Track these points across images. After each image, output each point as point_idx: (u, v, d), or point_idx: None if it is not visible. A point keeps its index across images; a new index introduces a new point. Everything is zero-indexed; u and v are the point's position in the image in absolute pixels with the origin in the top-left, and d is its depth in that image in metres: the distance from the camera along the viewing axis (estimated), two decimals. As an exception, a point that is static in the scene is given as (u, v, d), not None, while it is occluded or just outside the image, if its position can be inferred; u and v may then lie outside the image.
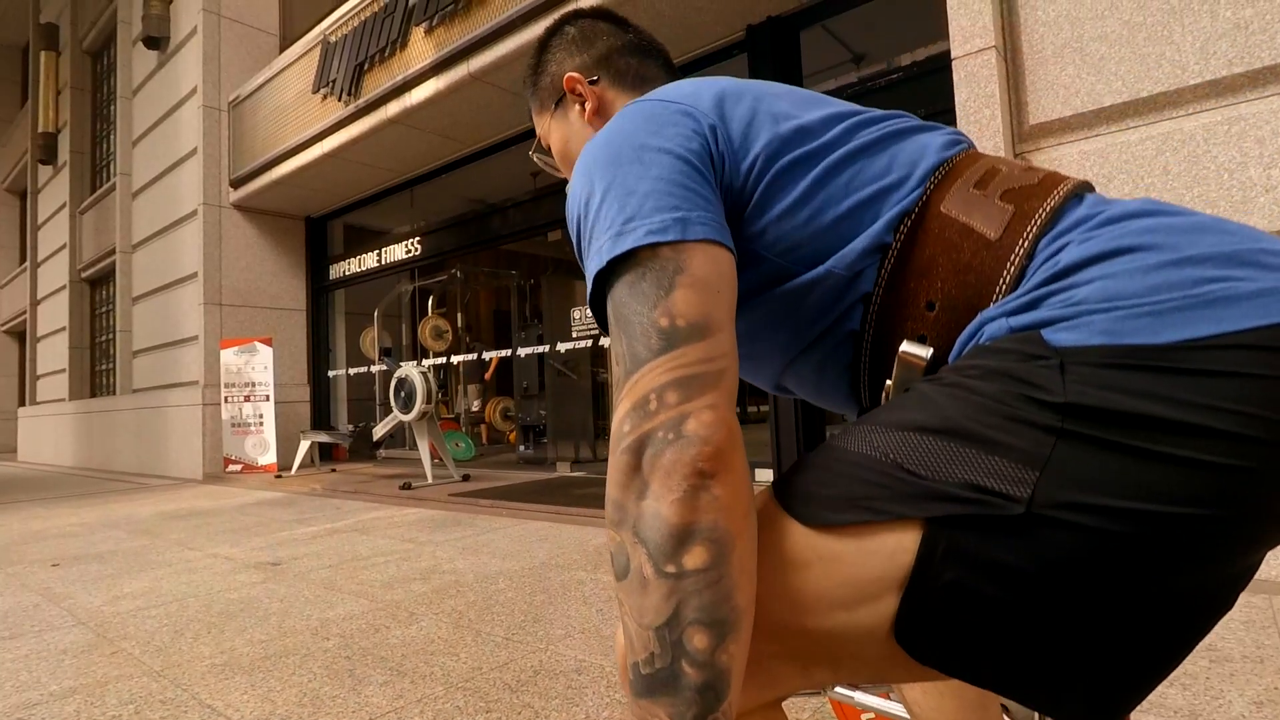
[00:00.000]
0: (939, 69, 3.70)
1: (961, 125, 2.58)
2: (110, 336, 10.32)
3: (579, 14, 0.86)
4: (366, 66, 5.65)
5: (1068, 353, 0.46)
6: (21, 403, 15.64)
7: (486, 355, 6.90)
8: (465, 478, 5.44)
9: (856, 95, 4.06)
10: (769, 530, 0.52)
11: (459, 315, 7.73)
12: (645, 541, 0.46)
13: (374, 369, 7.71)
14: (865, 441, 0.50)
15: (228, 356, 7.02)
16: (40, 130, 11.72)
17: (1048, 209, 0.54)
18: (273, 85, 6.90)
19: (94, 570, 3.02)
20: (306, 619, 2.17)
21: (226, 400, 6.99)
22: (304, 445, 6.43)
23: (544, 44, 0.86)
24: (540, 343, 6.30)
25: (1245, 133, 2.17)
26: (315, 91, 6.16)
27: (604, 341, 5.54)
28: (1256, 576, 2.00)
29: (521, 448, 6.61)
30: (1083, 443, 0.44)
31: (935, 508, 0.46)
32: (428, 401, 5.07)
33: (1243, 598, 1.90)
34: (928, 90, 3.78)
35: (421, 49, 5.20)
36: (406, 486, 5.03)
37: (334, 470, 6.83)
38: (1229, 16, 2.20)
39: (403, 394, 5.15)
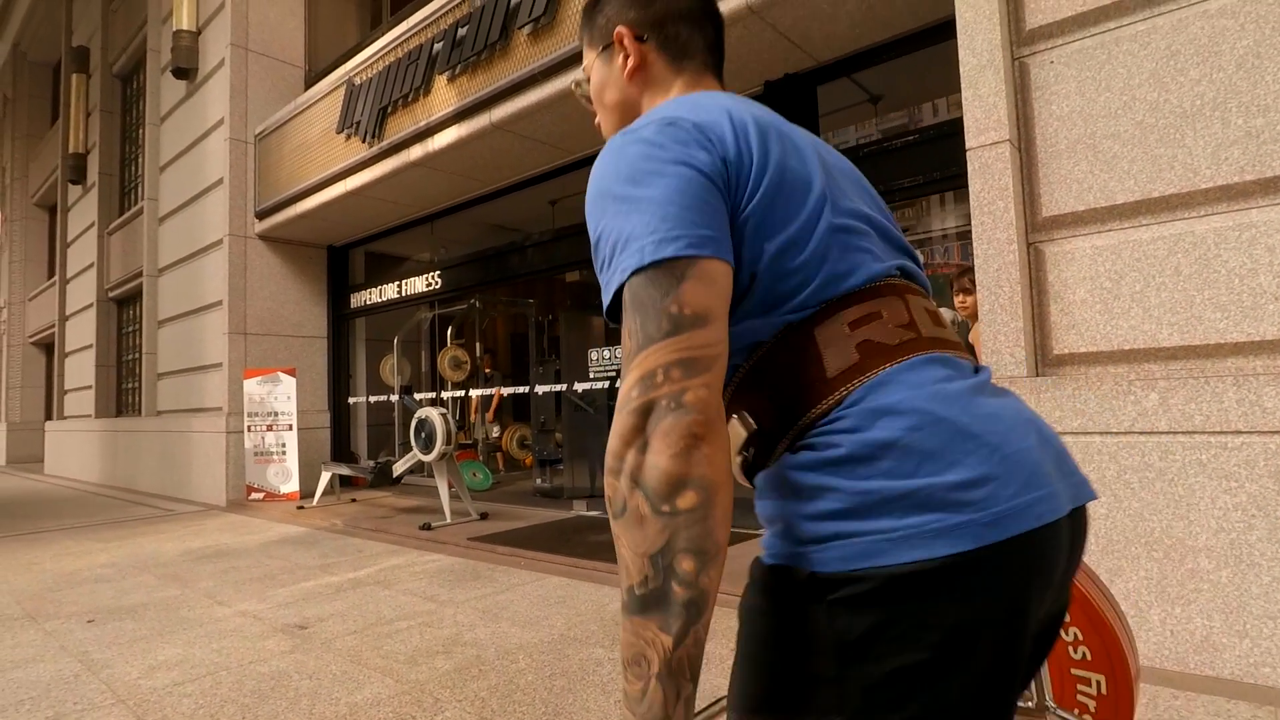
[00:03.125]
0: (958, 132, 3.75)
1: (975, 215, 2.63)
2: (136, 356, 10.54)
3: None
4: (390, 110, 5.77)
5: (832, 598, 0.58)
6: (48, 415, 15.98)
7: (505, 391, 6.99)
8: (483, 516, 5.53)
9: (874, 154, 4.11)
10: None
11: (477, 344, 7.85)
12: (643, 486, 0.55)
13: (393, 399, 7.84)
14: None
15: (251, 386, 7.17)
16: (70, 151, 12.01)
17: (874, 374, 0.63)
18: (297, 121, 7.04)
19: (129, 630, 3.13)
20: (335, 703, 2.26)
21: (249, 429, 7.14)
22: (325, 477, 6.55)
23: None
24: (558, 380, 6.38)
25: (1256, 239, 2.20)
26: (340, 131, 6.30)
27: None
28: (1268, 685, 2.04)
29: (538, 480, 6.69)
30: (856, 685, 0.57)
31: None
32: (447, 443, 5.16)
33: (1250, 710, 1.93)
34: (944, 151, 3.82)
35: (444, 96, 5.30)
36: (426, 527, 5.12)
37: (354, 500, 6.95)
38: (1240, 124, 2.24)
39: (423, 435, 5.25)
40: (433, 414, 5.19)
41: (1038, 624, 0.62)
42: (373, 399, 8.12)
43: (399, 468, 5.75)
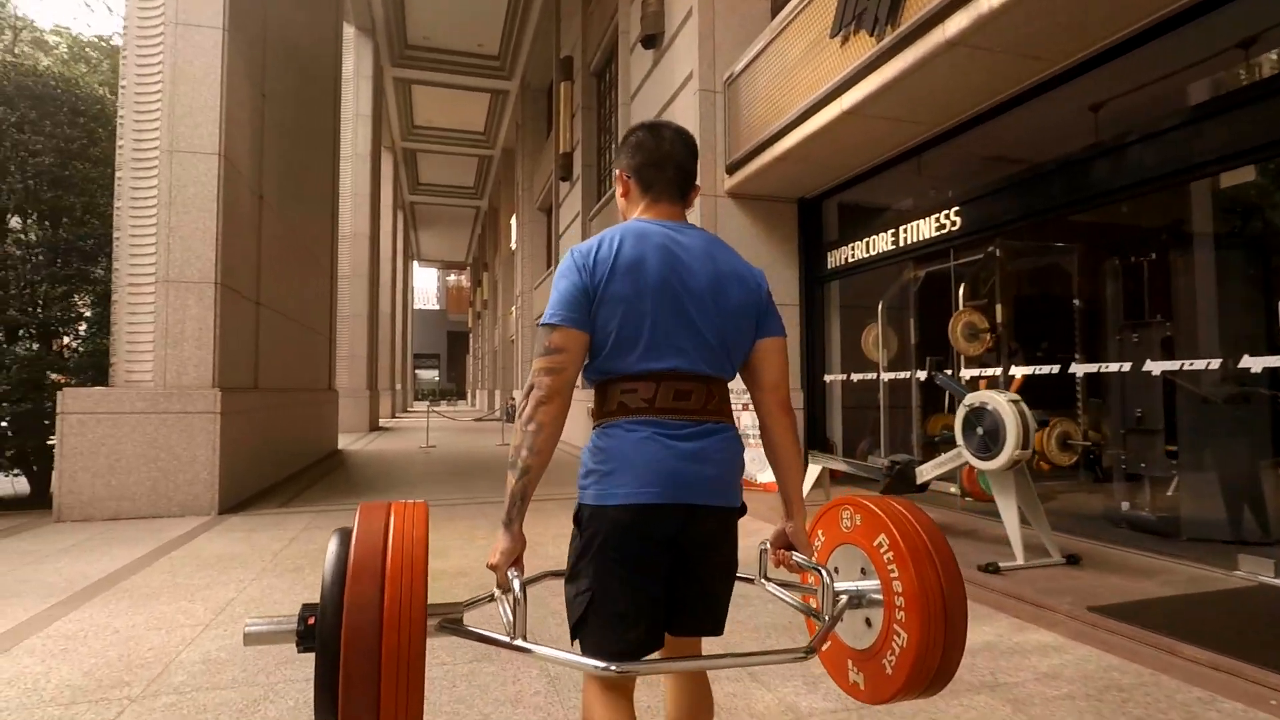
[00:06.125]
0: None
1: None
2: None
3: (643, 126, 1.53)
4: (913, -22, 4.18)
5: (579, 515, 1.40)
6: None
7: (1078, 371, 4.90)
8: (1072, 559, 3.62)
9: None
10: None
11: (997, 307, 5.87)
12: (520, 418, 1.31)
13: (895, 376, 6.36)
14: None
15: (724, 359, 6.44)
16: (560, 151, 13.53)
17: (618, 419, 1.37)
18: (771, 50, 6.00)
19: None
20: None
21: (723, 407, 6.42)
22: (814, 470, 5.41)
23: (624, 139, 1.55)
24: (1169, 353, 4.08)
25: None
26: (834, 35, 4.96)
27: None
28: None
29: (1124, 505, 4.48)
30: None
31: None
32: (1023, 446, 3.40)
33: None
34: None
35: (1014, -82, 3.48)
36: (991, 569, 3.46)
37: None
38: None
39: (979, 431, 3.58)
40: (999, 402, 3.48)
41: (671, 551, 1.36)
42: (855, 376, 6.79)
43: (928, 472, 4.20)
